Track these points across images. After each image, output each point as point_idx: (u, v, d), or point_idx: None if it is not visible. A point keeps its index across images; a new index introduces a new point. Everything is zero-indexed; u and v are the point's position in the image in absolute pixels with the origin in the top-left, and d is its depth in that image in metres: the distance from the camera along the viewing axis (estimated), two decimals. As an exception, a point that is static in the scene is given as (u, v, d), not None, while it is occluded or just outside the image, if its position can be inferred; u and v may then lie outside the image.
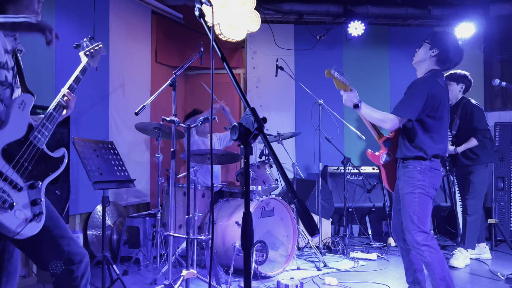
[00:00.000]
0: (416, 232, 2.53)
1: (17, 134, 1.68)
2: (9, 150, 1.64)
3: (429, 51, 2.68)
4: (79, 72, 1.97)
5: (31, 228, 1.62)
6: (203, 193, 3.96)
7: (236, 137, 1.29)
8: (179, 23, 5.26)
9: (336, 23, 5.61)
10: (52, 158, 1.79)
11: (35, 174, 1.70)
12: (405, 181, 2.63)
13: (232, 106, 5.59)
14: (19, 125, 1.70)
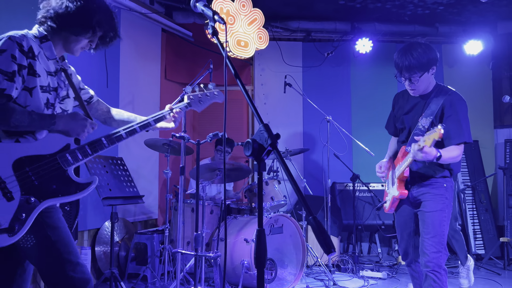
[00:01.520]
0: (442, 255, 2.37)
1: (46, 150, 1.69)
2: (26, 161, 1.65)
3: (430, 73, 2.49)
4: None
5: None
6: (211, 210, 3.94)
7: (249, 153, 1.28)
8: (189, 41, 5.33)
9: (343, 41, 5.66)
10: (73, 182, 1.74)
11: (39, 191, 1.65)
12: (433, 199, 2.45)
13: (240, 123, 5.61)
14: (54, 142, 1.72)
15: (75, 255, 1.74)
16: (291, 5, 5.05)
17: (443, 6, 5.02)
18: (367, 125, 5.64)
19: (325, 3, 4.91)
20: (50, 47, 1.77)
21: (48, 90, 1.76)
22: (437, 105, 2.47)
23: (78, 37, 1.79)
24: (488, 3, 4.78)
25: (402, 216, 2.64)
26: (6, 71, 1.61)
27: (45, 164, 1.67)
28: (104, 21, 1.82)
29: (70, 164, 1.73)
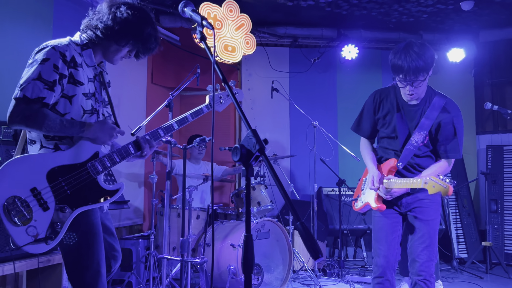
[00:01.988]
0: (433, 263, 2.32)
1: (76, 159, 1.78)
2: (58, 171, 1.73)
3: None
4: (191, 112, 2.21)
5: (37, 247, 1.66)
6: (197, 215, 3.92)
7: (238, 159, 1.29)
8: (176, 45, 5.32)
9: (330, 47, 5.71)
10: (102, 189, 1.82)
11: (71, 200, 1.74)
12: (431, 206, 2.36)
13: (227, 128, 5.61)
14: (84, 151, 1.80)
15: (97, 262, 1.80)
16: (278, 11, 5.08)
17: (427, 14, 5.12)
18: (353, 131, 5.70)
19: (312, 9, 4.96)
20: (90, 54, 1.87)
21: (90, 97, 1.87)
22: (432, 119, 2.32)
23: (121, 47, 1.88)
24: (470, 12, 4.89)
25: (390, 218, 2.42)
26: (47, 80, 1.70)
27: (76, 174, 1.76)
28: (152, 34, 1.92)
29: (99, 172, 1.82)
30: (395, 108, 2.42)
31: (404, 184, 2.30)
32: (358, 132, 2.62)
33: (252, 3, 4.80)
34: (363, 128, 2.58)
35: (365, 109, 2.57)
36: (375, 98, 2.51)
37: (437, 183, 2.12)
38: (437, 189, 2.11)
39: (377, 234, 2.43)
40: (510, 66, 5.65)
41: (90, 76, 1.89)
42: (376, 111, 2.50)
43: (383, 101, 2.47)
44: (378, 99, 2.49)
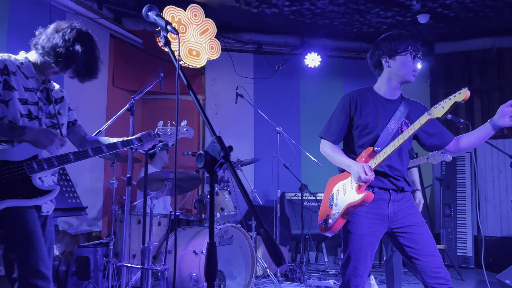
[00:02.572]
0: None
1: (14, 157, 1.86)
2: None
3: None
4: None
5: None
6: (159, 221, 3.85)
7: (202, 165, 1.27)
8: (138, 48, 5.22)
9: (293, 54, 5.80)
10: (34, 187, 1.89)
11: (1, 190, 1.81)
12: (416, 211, 2.26)
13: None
14: (23, 151, 1.88)
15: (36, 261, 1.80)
16: (243, 17, 5.11)
17: (387, 26, 5.31)
18: (315, 137, 5.77)
19: (276, 17, 5.02)
20: (29, 67, 1.98)
21: (30, 103, 1.95)
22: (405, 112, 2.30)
23: (54, 67, 1.97)
24: (426, 24, 5.12)
25: (370, 237, 2.19)
26: None
27: (11, 168, 1.83)
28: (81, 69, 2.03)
29: (35, 172, 1.88)
30: (375, 108, 2.31)
31: (393, 145, 2.11)
32: (329, 137, 2.40)
33: (217, 8, 4.80)
34: (332, 132, 2.38)
35: (338, 111, 2.40)
36: (351, 97, 2.35)
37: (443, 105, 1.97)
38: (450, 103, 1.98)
39: (356, 254, 2.19)
40: (462, 77, 5.95)
41: (30, 86, 1.97)
42: (352, 113, 2.33)
43: (359, 100, 2.33)
44: (354, 98, 2.34)
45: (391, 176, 2.23)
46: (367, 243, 2.18)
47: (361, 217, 2.20)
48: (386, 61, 2.29)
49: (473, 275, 4.82)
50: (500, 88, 5.68)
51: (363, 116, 2.30)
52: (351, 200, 2.17)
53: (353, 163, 2.20)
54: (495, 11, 4.81)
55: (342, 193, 2.28)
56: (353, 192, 2.17)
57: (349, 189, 2.22)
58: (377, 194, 2.19)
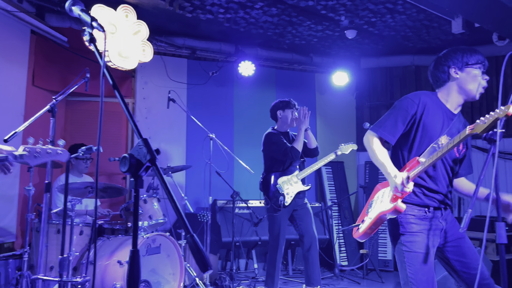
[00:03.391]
0: None
1: None
2: None
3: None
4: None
5: None
6: (80, 230, 3.62)
7: (126, 169, 1.21)
8: (63, 46, 4.91)
9: (228, 62, 5.82)
10: None
11: None
12: (457, 224, 2.25)
13: (118, 138, 5.33)
14: None
15: None
16: (177, 22, 5.03)
17: (317, 39, 5.53)
18: (248, 144, 5.85)
19: (211, 23, 5.01)
20: None
21: None
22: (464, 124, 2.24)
23: None
24: (354, 40, 5.41)
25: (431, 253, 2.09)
26: None
27: None
28: None
29: None
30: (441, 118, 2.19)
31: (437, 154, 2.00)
32: (388, 137, 2.19)
33: (150, 10, 4.67)
34: (394, 132, 2.19)
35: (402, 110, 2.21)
36: (420, 98, 2.20)
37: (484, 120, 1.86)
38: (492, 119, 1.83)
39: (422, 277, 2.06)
40: (385, 91, 6.37)
41: None
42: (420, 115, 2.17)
43: (428, 104, 2.19)
44: (424, 100, 2.20)
45: (441, 193, 2.18)
46: (429, 261, 2.07)
47: (421, 234, 2.10)
48: (455, 72, 2.16)
49: (392, 278, 5.12)
50: (417, 102, 6.15)
51: (425, 122, 2.16)
52: (382, 209, 2.11)
53: (393, 172, 2.07)
54: (414, 31, 5.22)
55: (380, 200, 2.22)
56: (387, 201, 2.11)
57: (386, 197, 2.16)
58: (432, 212, 2.15)
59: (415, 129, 2.18)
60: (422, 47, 5.82)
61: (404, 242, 2.12)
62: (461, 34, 5.00)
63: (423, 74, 6.20)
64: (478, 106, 5.88)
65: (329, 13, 4.63)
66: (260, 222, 5.26)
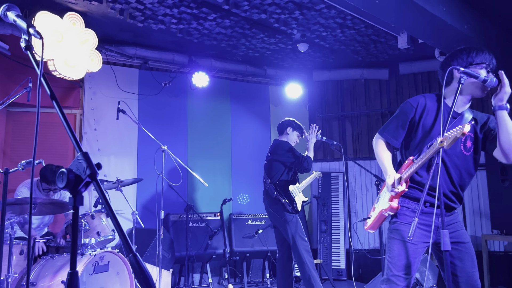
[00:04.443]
0: None
1: None
2: None
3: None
4: None
5: None
6: (21, 250, 3.38)
7: (64, 185, 1.13)
8: (4, 54, 4.64)
9: (181, 72, 5.74)
10: None
11: None
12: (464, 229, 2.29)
13: (65, 150, 5.08)
14: None
15: None
16: (128, 31, 4.91)
17: (270, 51, 5.60)
18: (202, 156, 5.78)
19: (163, 33, 4.93)
20: None
21: None
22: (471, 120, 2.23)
23: None
24: (306, 53, 5.53)
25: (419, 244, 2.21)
26: None
27: None
28: None
29: None
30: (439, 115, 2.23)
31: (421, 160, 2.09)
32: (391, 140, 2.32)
33: (98, 19, 4.53)
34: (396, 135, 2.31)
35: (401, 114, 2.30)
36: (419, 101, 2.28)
37: (452, 134, 1.92)
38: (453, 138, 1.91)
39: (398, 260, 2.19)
40: (336, 103, 6.54)
41: None
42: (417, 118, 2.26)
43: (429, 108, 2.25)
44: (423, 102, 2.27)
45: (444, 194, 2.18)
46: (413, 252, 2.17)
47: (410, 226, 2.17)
48: (458, 72, 2.13)
49: (346, 287, 5.20)
50: (367, 114, 6.37)
51: (426, 123, 2.23)
52: (382, 207, 2.26)
53: (389, 172, 2.21)
54: (363, 46, 5.42)
55: (383, 195, 2.34)
56: (386, 199, 2.23)
57: (387, 195, 2.26)
58: (429, 208, 2.21)
59: (414, 130, 2.27)
60: (370, 61, 6.05)
61: (391, 229, 2.27)
62: (407, 49, 5.25)
63: (371, 87, 6.43)
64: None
65: (282, 27, 4.70)
66: (215, 235, 5.19)
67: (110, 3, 4.18)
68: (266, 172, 4.22)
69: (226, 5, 4.17)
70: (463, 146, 2.23)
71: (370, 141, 5.00)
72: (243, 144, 6.10)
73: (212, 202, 5.65)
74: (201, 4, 4.23)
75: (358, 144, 6.35)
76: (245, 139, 6.14)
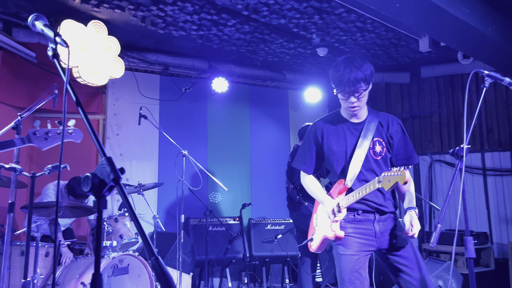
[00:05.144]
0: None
1: None
2: None
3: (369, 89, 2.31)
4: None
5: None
6: (46, 252, 3.47)
7: (88, 189, 1.17)
8: (31, 62, 4.79)
9: (201, 78, 5.81)
10: None
11: None
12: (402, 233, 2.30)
13: (88, 155, 5.19)
14: None
15: None
16: (149, 38, 5.00)
17: (290, 56, 5.60)
18: (222, 161, 5.82)
19: (184, 40, 5.00)
20: None
21: None
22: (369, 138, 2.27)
23: None
24: (325, 57, 5.51)
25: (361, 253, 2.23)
26: None
27: None
28: None
29: None
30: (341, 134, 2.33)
31: (359, 193, 2.16)
32: (303, 167, 2.42)
33: (121, 26, 4.63)
34: (305, 162, 2.40)
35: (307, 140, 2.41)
36: (318, 126, 2.39)
37: (391, 176, 2.01)
38: (393, 181, 2.00)
39: (350, 275, 2.19)
40: (356, 107, 6.48)
41: None
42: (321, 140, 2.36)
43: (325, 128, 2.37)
44: (321, 127, 2.38)
45: (373, 202, 2.27)
46: (359, 263, 2.19)
47: (350, 237, 2.23)
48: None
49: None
50: (388, 118, 6.29)
51: (330, 144, 2.32)
52: (326, 234, 2.28)
53: (325, 201, 2.28)
54: (383, 49, 5.37)
55: (321, 217, 2.36)
56: (328, 225, 2.25)
57: (326, 217, 2.28)
58: (362, 215, 2.26)
59: (322, 152, 2.36)
60: (391, 65, 5.98)
61: (333, 246, 2.31)
62: (429, 52, 5.18)
63: (392, 91, 6.36)
64: (446, 122, 6.07)
65: (301, 31, 4.71)
66: (235, 240, 5.20)
67: (132, 11, 4.27)
68: (288, 177, 4.21)
69: (245, 11, 4.21)
70: (372, 152, 2.28)
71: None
72: (262, 148, 6.11)
73: (231, 206, 5.68)
74: (220, 11, 4.28)
75: (379, 149, 6.27)
76: (264, 143, 6.15)
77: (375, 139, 2.29)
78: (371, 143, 2.26)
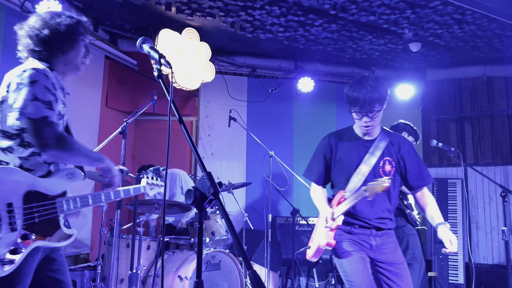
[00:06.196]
0: None
1: (50, 191, 1.74)
2: (33, 196, 1.65)
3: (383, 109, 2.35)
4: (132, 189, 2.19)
5: None
6: (148, 245, 3.79)
7: (191, 202, 1.27)
8: (133, 69, 5.24)
9: (287, 78, 5.85)
10: (60, 230, 1.75)
11: (37, 229, 1.66)
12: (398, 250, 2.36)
13: (183, 155, 5.54)
14: (57, 185, 1.77)
15: None
16: (238, 41, 5.17)
17: (379, 52, 5.40)
18: (307, 160, 5.79)
19: (270, 41, 5.09)
20: (56, 76, 1.82)
21: (60, 118, 1.83)
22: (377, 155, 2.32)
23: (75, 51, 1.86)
24: (418, 52, 5.21)
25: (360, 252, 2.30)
26: (44, 100, 1.67)
27: (47, 205, 1.70)
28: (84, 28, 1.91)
29: (63, 212, 1.76)
30: (350, 149, 2.40)
31: (350, 202, 2.23)
32: (310, 177, 2.53)
33: (212, 32, 4.85)
34: (313, 173, 2.51)
35: (317, 152, 2.53)
36: (329, 140, 2.48)
37: (373, 184, 2.11)
38: (374, 189, 2.11)
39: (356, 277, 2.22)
40: (453, 104, 6.04)
41: (63, 98, 1.87)
42: (329, 155, 2.45)
43: (338, 141, 2.45)
44: (333, 140, 2.46)
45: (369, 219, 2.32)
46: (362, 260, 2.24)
47: (346, 241, 2.33)
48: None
49: (465, 304, 4.79)
50: (490, 115, 5.76)
51: (338, 158, 2.41)
52: (319, 242, 2.34)
53: (322, 209, 2.37)
54: (485, 41, 4.92)
55: (319, 227, 2.42)
56: (323, 234, 2.32)
57: (322, 227, 2.35)
58: (358, 229, 2.34)
59: (332, 165, 2.46)
60: (494, 57, 5.46)
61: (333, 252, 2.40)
62: (540, 42, 4.63)
63: (496, 85, 5.80)
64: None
65: (392, 27, 4.51)
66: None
67: (222, 17, 4.45)
68: None
69: (333, 10, 4.15)
70: (382, 171, 2.31)
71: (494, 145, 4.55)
72: (350, 148, 5.98)
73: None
74: (307, 11, 4.27)
75: (480, 149, 5.77)
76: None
77: (385, 158, 2.34)
78: (381, 162, 2.32)
